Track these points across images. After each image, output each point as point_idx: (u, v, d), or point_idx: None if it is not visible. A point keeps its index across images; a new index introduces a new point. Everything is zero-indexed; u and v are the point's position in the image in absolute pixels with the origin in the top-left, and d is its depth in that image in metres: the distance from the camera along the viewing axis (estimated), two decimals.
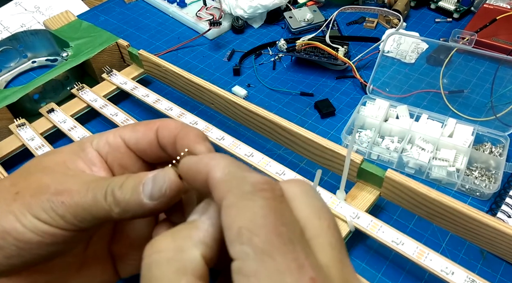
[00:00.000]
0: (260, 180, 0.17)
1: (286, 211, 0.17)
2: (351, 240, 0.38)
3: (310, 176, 0.38)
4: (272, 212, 0.16)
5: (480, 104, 0.50)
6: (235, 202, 0.16)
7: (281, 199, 0.17)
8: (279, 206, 0.16)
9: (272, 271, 0.15)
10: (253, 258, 0.15)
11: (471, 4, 0.65)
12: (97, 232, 0.27)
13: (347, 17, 0.67)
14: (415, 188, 0.35)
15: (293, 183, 0.19)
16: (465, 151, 0.43)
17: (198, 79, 0.48)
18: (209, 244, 0.17)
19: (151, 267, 0.17)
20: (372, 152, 0.45)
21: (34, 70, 0.61)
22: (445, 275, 0.31)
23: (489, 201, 0.41)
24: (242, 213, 0.16)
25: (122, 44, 0.54)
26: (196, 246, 0.17)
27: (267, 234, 0.15)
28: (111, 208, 0.21)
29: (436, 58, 0.54)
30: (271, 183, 0.17)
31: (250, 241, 0.15)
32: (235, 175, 0.17)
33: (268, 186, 0.17)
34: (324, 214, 0.18)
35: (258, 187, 0.17)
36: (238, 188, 0.17)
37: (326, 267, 0.16)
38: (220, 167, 0.18)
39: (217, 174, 0.18)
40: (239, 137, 0.44)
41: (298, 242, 0.16)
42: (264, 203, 0.16)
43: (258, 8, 0.63)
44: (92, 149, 0.26)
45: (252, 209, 0.16)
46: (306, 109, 0.52)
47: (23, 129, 0.48)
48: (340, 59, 0.54)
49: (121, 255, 0.27)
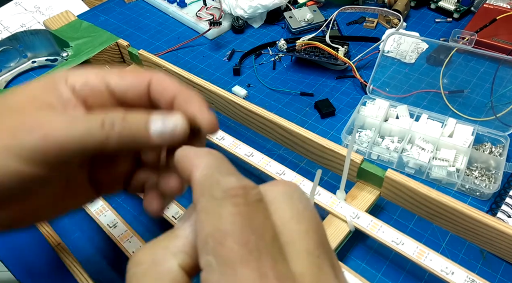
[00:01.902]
0: (234, 185, 0.16)
1: (259, 216, 0.16)
2: (351, 240, 0.38)
3: (310, 176, 0.38)
4: (242, 219, 0.15)
5: (480, 104, 0.50)
6: (205, 208, 0.16)
7: (255, 204, 0.16)
8: (251, 212, 0.15)
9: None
10: (216, 269, 0.14)
11: (471, 4, 0.65)
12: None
13: (347, 17, 0.67)
14: (415, 188, 0.35)
15: (275, 186, 0.18)
16: (465, 151, 0.43)
17: (198, 79, 0.48)
18: (189, 253, 0.17)
19: (132, 281, 0.16)
20: (372, 152, 0.45)
21: (34, 70, 0.61)
22: (445, 275, 0.31)
23: (489, 201, 0.41)
24: (210, 220, 0.15)
25: (122, 44, 0.54)
26: (174, 256, 0.16)
27: (232, 243, 0.14)
28: (108, 139, 0.21)
29: (436, 58, 0.54)
30: (247, 188, 0.16)
31: (214, 250, 0.15)
32: (211, 178, 0.17)
33: (242, 191, 0.16)
34: (304, 217, 0.17)
35: (230, 192, 0.16)
36: (210, 192, 0.16)
37: (300, 275, 0.15)
38: (200, 167, 0.17)
39: (196, 175, 0.17)
40: (239, 137, 0.44)
41: (266, 250, 0.15)
42: (233, 210, 0.15)
43: (258, 8, 0.63)
44: (67, 88, 0.23)
45: (220, 216, 0.15)
46: (306, 109, 0.52)
47: None
48: (340, 59, 0.54)
49: (102, 182, 0.26)
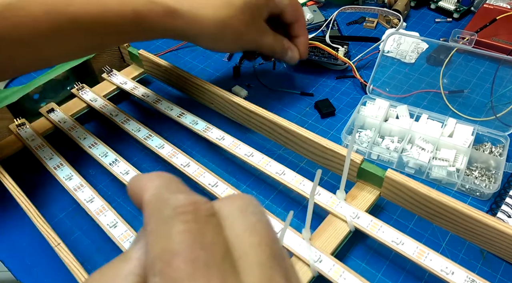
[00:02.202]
0: (184, 202, 0.16)
1: (210, 232, 0.15)
2: (351, 240, 0.38)
3: (310, 176, 0.38)
4: (191, 236, 0.15)
5: (480, 104, 0.50)
6: (154, 229, 0.15)
7: (206, 219, 0.16)
8: (201, 228, 0.15)
9: None
10: None
11: (471, 4, 0.65)
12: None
13: (347, 17, 0.67)
14: (415, 188, 0.35)
15: (230, 201, 0.17)
16: (465, 151, 0.43)
17: (198, 79, 0.48)
18: (141, 274, 0.16)
19: None
20: (372, 152, 0.45)
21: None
22: (445, 275, 0.31)
23: (489, 201, 0.41)
24: (158, 241, 0.15)
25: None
26: (125, 279, 0.16)
27: (179, 262, 0.14)
28: (278, 48, 0.47)
29: (436, 58, 0.54)
30: (197, 203, 0.16)
31: (161, 271, 0.14)
32: (160, 197, 0.16)
33: (192, 208, 0.16)
34: (257, 229, 0.16)
35: (179, 210, 0.15)
36: (159, 212, 0.16)
37: None
38: (150, 189, 0.17)
39: (145, 197, 0.17)
40: (239, 137, 0.44)
41: (215, 265, 0.14)
42: (182, 228, 0.15)
43: None
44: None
45: (168, 236, 0.15)
46: (306, 109, 0.52)
47: (23, 129, 0.48)
48: (340, 59, 0.54)
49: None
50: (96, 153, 0.44)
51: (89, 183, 0.41)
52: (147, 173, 0.19)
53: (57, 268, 0.37)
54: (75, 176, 0.42)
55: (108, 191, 0.44)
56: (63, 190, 0.41)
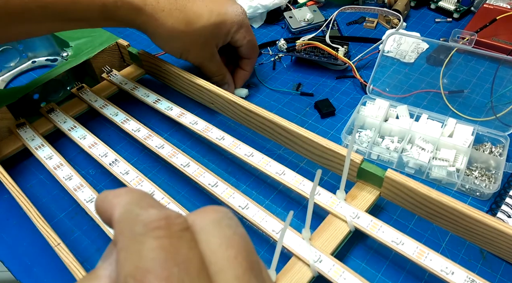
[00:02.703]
0: (155, 217, 0.15)
1: (183, 247, 0.15)
2: (351, 240, 0.38)
3: (310, 176, 0.38)
4: (164, 253, 0.14)
5: (480, 104, 0.50)
6: (125, 246, 0.15)
7: (179, 234, 0.15)
8: (174, 243, 0.15)
9: None
10: None
11: (471, 4, 0.65)
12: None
13: (347, 17, 0.67)
14: (415, 188, 0.35)
15: (202, 213, 0.17)
16: (465, 151, 0.43)
17: (198, 79, 0.48)
18: None
19: None
20: (372, 152, 0.45)
21: (34, 70, 0.61)
22: (445, 275, 0.31)
23: (489, 201, 0.41)
24: (130, 259, 0.14)
25: (122, 44, 0.54)
26: None
27: (153, 280, 0.14)
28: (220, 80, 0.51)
29: (436, 58, 0.54)
30: (170, 218, 0.15)
31: None
32: (130, 213, 0.16)
33: (164, 222, 0.15)
34: (233, 242, 0.16)
35: (151, 225, 0.15)
36: (129, 229, 0.15)
37: None
38: (120, 205, 0.16)
39: (115, 214, 0.16)
40: (239, 137, 0.44)
41: (190, 281, 0.14)
42: (155, 244, 0.14)
43: (258, 8, 0.63)
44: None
45: (140, 253, 0.14)
46: (306, 109, 0.52)
47: (23, 129, 0.48)
48: (340, 59, 0.54)
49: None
50: (96, 153, 0.44)
51: (89, 183, 0.41)
52: (116, 189, 0.18)
53: (57, 268, 0.37)
54: (75, 176, 0.42)
55: None
56: (63, 190, 0.41)
